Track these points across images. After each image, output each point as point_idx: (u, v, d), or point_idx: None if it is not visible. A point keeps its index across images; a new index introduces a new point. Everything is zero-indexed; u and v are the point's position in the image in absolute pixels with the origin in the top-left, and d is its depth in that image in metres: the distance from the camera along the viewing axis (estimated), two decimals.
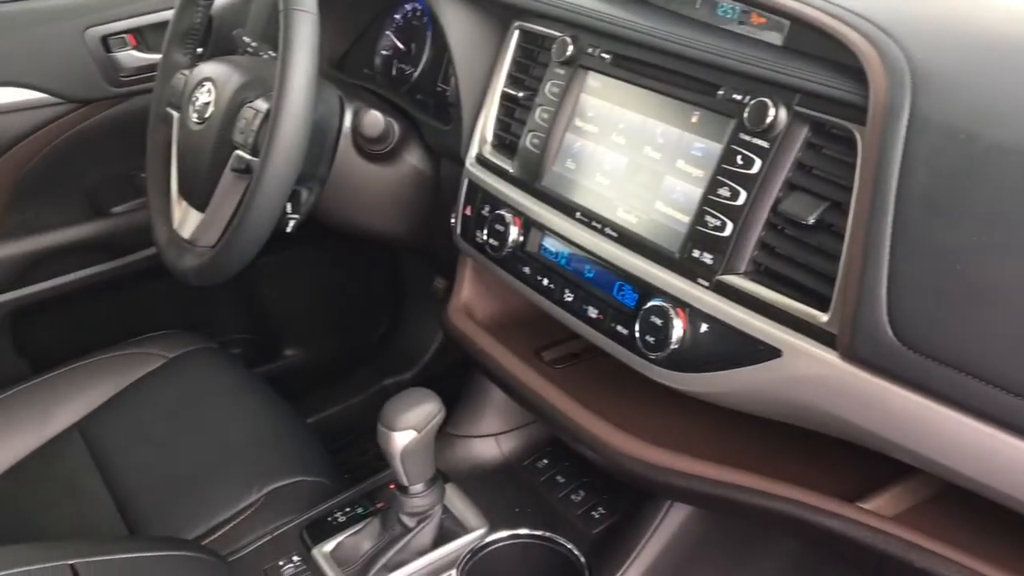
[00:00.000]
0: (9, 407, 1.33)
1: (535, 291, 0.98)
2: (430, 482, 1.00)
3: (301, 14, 0.99)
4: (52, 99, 1.41)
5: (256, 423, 1.28)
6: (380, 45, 1.36)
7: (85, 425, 1.29)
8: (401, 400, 0.98)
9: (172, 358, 1.38)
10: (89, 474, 1.22)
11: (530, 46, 1.05)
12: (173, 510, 1.14)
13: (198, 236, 1.15)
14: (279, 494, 1.15)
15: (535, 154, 0.99)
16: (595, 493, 1.10)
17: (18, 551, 0.88)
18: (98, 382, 1.35)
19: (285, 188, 1.02)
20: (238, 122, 1.08)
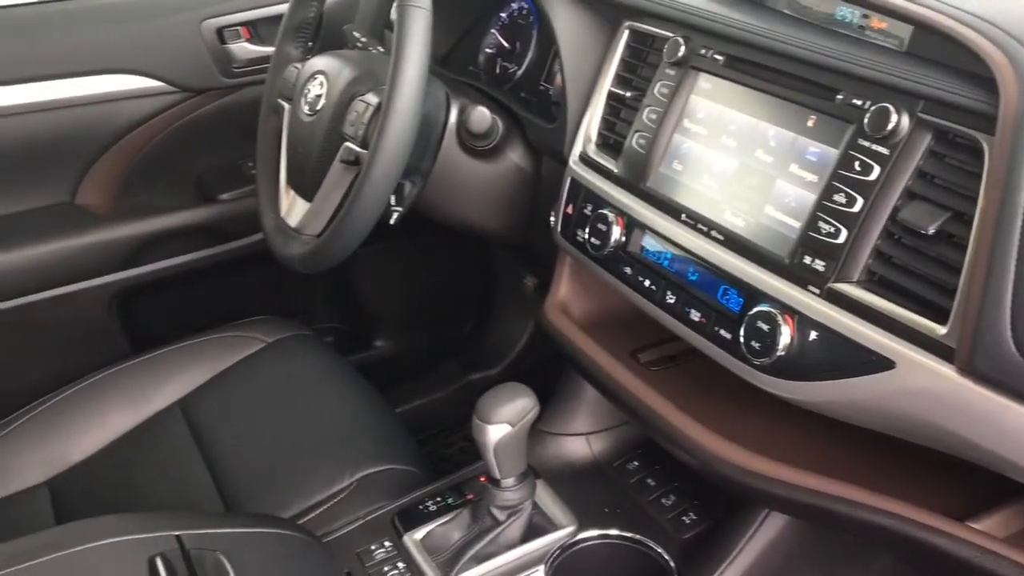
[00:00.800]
0: (114, 383, 1.39)
1: (635, 291, 0.97)
2: (521, 476, 1.01)
3: (416, 10, 1.00)
4: (168, 88, 1.47)
5: (349, 410, 1.31)
6: (485, 43, 1.38)
7: (186, 403, 1.34)
8: (497, 394, 0.98)
9: (270, 343, 1.42)
10: (188, 451, 1.27)
11: (639, 46, 1.05)
12: (268, 489, 1.18)
13: (304, 225, 1.18)
14: (370, 480, 1.17)
15: (641, 154, 0.99)
16: (686, 498, 1.10)
17: (127, 520, 0.92)
18: (199, 363, 1.40)
19: (392, 180, 1.04)
20: (349, 115, 1.10)
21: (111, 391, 1.37)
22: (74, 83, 1.43)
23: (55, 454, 1.29)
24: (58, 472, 1.27)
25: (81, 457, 1.29)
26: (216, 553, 0.87)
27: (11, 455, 1.30)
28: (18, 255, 1.42)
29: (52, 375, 1.43)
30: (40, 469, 1.28)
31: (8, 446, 1.31)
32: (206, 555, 0.86)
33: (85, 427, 1.32)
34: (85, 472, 1.27)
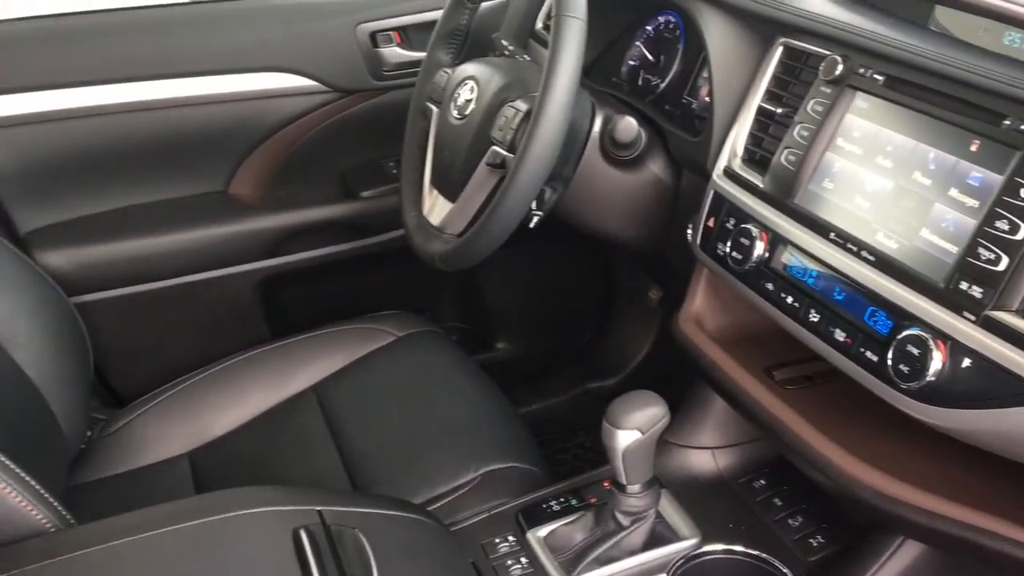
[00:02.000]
0: (254, 365, 1.46)
1: (777, 308, 0.97)
2: (647, 484, 1.02)
3: (573, 20, 1.03)
4: (321, 87, 1.55)
5: (474, 407, 1.34)
6: (628, 55, 1.39)
7: (320, 388, 1.40)
8: (628, 400, 0.99)
9: (400, 336, 1.47)
10: (321, 433, 1.32)
11: (793, 63, 1.04)
12: (394, 475, 1.22)
13: (446, 224, 1.22)
14: (494, 476, 1.20)
15: (790, 171, 0.99)
16: (814, 521, 1.08)
17: (272, 492, 0.97)
18: (334, 351, 1.46)
19: (537, 185, 1.06)
20: (498, 119, 1.14)
21: (252, 372, 1.45)
22: (235, 79, 1.52)
23: (197, 427, 1.37)
24: (199, 445, 1.35)
25: (221, 432, 1.36)
26: (355, 531, 0.91)
27: (158, 426, 1.39)
28: (177, 238, 1.51)
29: (199, 352, 1.51)
30: (183, 440, 1.36)
31: (156, 417, 1.40)
32: (345, 532, 0.90)
33: (226, 404, 1.40)
34: (223, 446, 1.34)
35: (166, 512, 0.98)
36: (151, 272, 1.50)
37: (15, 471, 0.92)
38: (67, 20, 1.50)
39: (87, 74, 1.43)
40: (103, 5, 1.52)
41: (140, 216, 1.52)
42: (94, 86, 1.44)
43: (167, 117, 1.49)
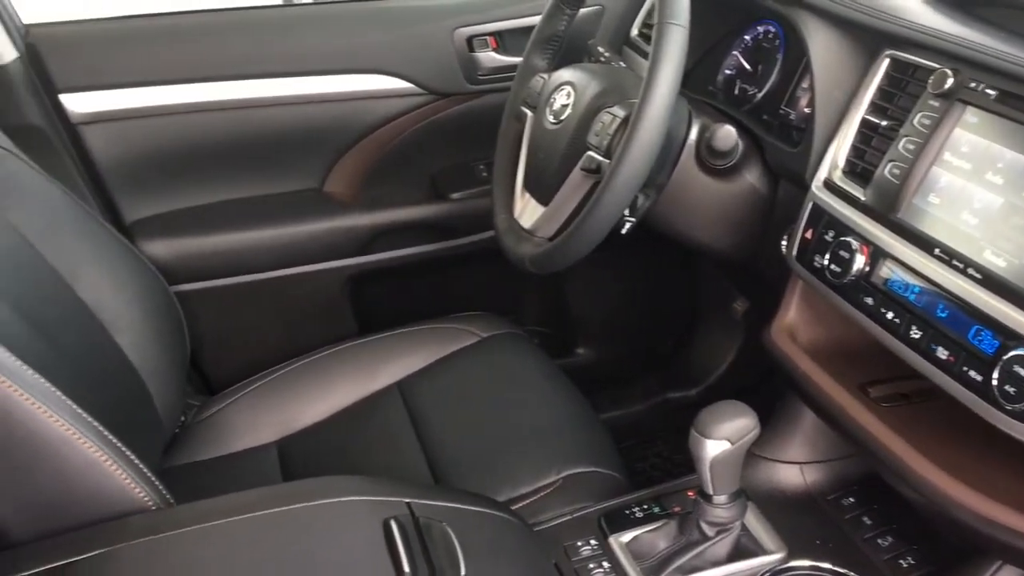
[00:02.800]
0: (342, 359, 1.50)
1: (876, 323, 0.95)
2: (734, 495, 1.01)
3: (676, 27, 1.03)
4: (416, 90, 1.57)
5: (556, 410, 1.35)
6: (725, 64, 1.39)
7: (404, 385, 1.42)
8: (718, 410, 0.99)
9: (484, 338, 1.49)
10: (404, 428, 1.35)
11: (899, 75, 1.03)
12: (477, 473, 1.23)
13: (538, 227, 1.23)
14: (576, 479, 1.20)
15: (893, 184, 0.97)
16: (905, 541, 1.06)
17: (363, 482, 0.99)
18: (418, 349, 1.48)
19: (632, 191, 1.07)
20: (594, 125, 1.14)
21: (339, 366, 1.48)
22: (334, 79, 1.56)
23: (286, 417, 1.41)
24: (287, 434, 1.38)
25: (308, 423, 1.40)
26: (443, 524, 0.92)
27: (248, 414, 1.43)
28: (272, 233, 1.56)
29: (289, 344, 1.56)
30: (272, 429, 1.39)
31: (246, 405, 1.45)
32: (433, 525, 0.92)
33: (314, 396, 1.43)
34: (310, 436, 1.38)
35: (261, 496, 1.01)
36: (247, 265, 1.55)
37: (122, 450, 0.96)
38: (177, 19, 1.56)
39: (194, 71, 1.49)
40: (211, 5, 1.58)
41: (238, 210, 1.57)
42: (201, 83, 1.50)
43: (268, 115, 1.54)
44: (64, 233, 1.26)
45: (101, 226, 1.32)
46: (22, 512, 0.93)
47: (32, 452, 0.91)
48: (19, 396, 0.89)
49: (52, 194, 1.27)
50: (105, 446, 0.94)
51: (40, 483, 0.92)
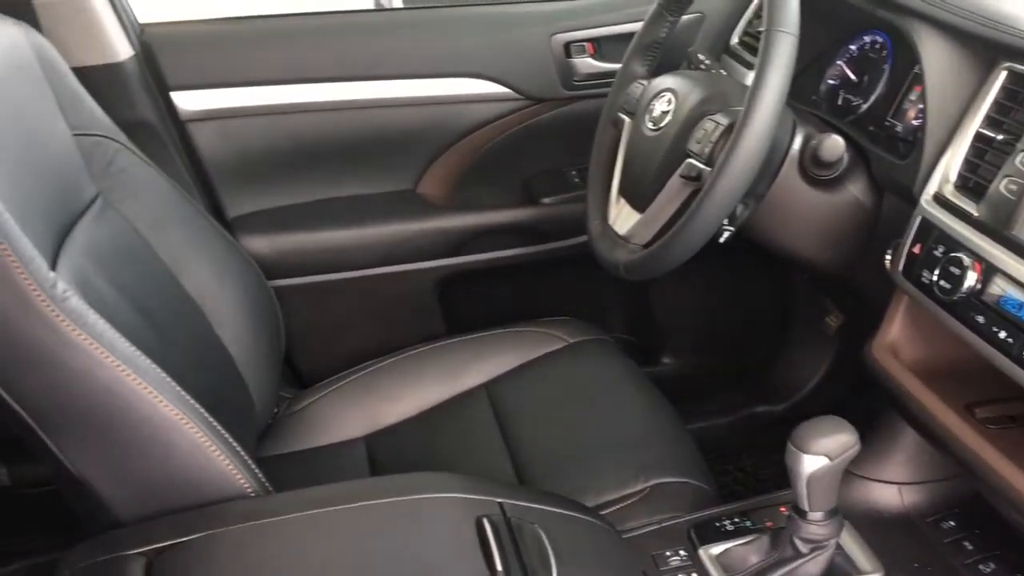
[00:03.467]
0: (431, 359, 1.52)
1: (988, 343, 0.92)
2: (830, 513, 0.99)
3: (785, 35, 1.02)
4: (513, 95, 1.59)
5: (645, 418, 1.34)
6: (829, 74, 1.36)
7: (491, 386, 1.44)
8: (817, 424, 0.97)
9: (572, 343, 1.49)
10: (490, 430, 1.36)
11: (1017, 88, 0.99)
12: (563, 477, 1.23)
13: (633, 234, 1.23)
14: (664, 489, 1.19)
15: (1009, 200, 0.94)
16: (1009, 568, 1.02)
17: (455, 479, 1.00)
18: (506, 352, 1.49)
19: (734, 199, 1.06)
20: (696, 132, 1.13)
21: (427, 365, 1.50)
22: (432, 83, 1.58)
23: (374, 413, 1.43)
24: (375, 430, 1.41)
25: (396, 420, 1.42)
26: (534, 526, 0.93)
27: (338, 408, 1.46)
28: (367, 232, 1.59)
29: (379, 342, 1.58)
30: (360, 424, 1.42)
31: (337, 400, 1.48)
32: (525, 526, 0.92)
33: (402, 394, 1.45)
34: (398, 433, 1.40)
35: (357, 488, 1.03)
36: (342, 262, 1.58)
37: (225, 437, 0.99)
38: (283, 21, 1.61)
39: (298, 72, 1.53)
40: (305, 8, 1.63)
41: (336, 209, 1.60)
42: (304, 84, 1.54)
43: (367, 116, 1.57)
44: (172, 226, 1.31)
45: (206, 221, 1.37)
46: (129, 492, 0.96)
47: (142, 435, 0.94)
48: (133, 381, 0.93)
49: (162, 188, 1.31)
50: (210, 432, 0.97)
51: (148, 465, 0.96)
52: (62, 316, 0.89)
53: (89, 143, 1.22)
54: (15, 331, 0.88)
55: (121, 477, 0.95)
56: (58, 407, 0.92)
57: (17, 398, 0.91)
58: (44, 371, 0.90)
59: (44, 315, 0.89)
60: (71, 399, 0.91)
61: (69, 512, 1.61)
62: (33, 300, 0.88)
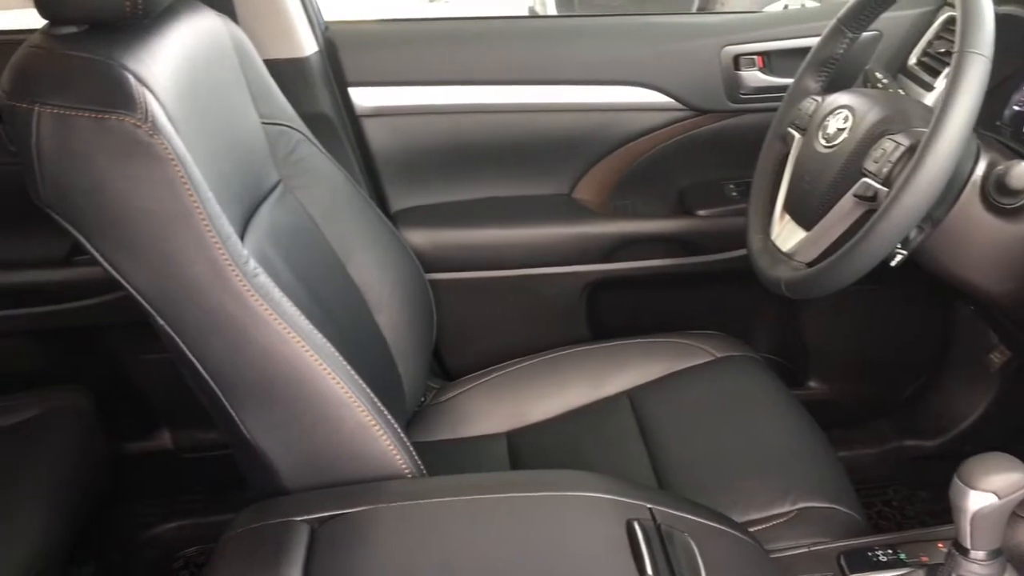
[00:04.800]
0: (576, 361, 1.54)
1: None
2: (993, 553, 0.94)
3: (978, 57, 0.99)
4: (676, 105, 1.59)
5: (793, 439, 1.31)
6: (1015, 99, 1.30)
7: (634, 394, 1.44)
8: (987, 461, 0.93)
9: (719, 357, 1.48)
10: (632, 437, 1.36)
11: None
12: (707, 491, 1.21)
13: (797, 251, 1.21)
14: (812, 513, 1.17)
15: None
16: None
17: (605, 480, 1.01)
18: (651, 361, 1.49)
19: (912, 222, 1.03)
20: (873, 152, 1.11)
21: (572, 368, 1.52)
22: (595, 89, 1.60)
23: (517, 410, 1.46)
24: (517, 426, 1.44)
25: (538, 418, 1.44)
26: (684, 535, 0.93)
27: (482, 402, 1.50)
28: (522, 233, 1.62)
29: (525, 341, 1.62)
30: (503, 420, 1.45)
31: (481, 394, 1.51)
32: (675, 534, 0.92)
33: (546, 393, 1.48)
34: (539, 432, 1.42)
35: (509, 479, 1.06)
36: (495, 261, 1.62)
37: (388, 418, 1.04)
38: (457, 24, 1.67)
39: (468, 74, 1.58)
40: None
41: (493, 208, 1.64)
42: (472, 85, 1.59)
43: (530, 120, 1.61)
44: (342, 215, 1.37)
45: (373, 212, 1.43)
46: (297, 462, 1.02)
47: (315, 410, 0.99)
48: (310, 357, 0.98)
49: (336, 179, 1.38)
50: (375, 413, 1.01)
51: (316, 438, 1.01)
52: (252, 291, 0.96)
53: (275, 132, 1.30)
54: (209, 302, 0.95)
55: (291, 447, 1.01)
56: (240, 376, 0.98)
57: (205, 364, 0.97)
58: (231, 341, 0.97)
59: (236, 289, 0.95)
60: (253, 369, 0.98)
61: (225, 477, 1.71)
62: (228, 274, 0.94)
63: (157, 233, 0.92)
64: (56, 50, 0.95)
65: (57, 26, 0.98)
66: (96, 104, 0.90)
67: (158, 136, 0.90)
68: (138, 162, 0.90)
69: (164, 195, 0.91)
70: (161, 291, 0.95)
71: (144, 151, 0.90)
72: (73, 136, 0.90)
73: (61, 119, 0.89)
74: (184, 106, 1.01)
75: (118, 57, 0.94)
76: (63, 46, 0.95)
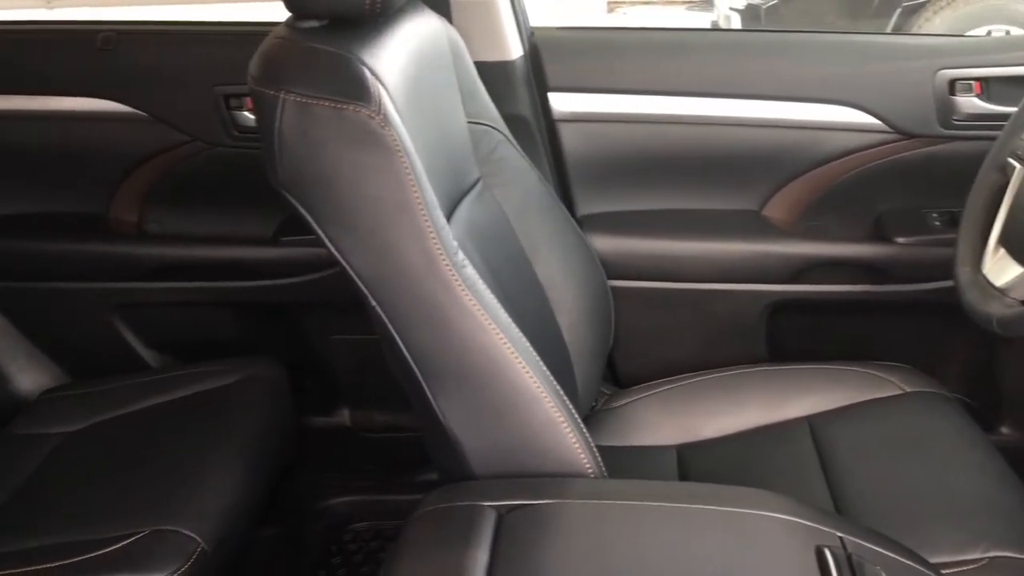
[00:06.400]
0: (750, 381, 1.52)
1: None
2: None
3: None
4: (881, 127, 1.54)
5: (986, 484, 1.24)
6: None
7: (814, 420, 1.40)
8: None
9: (907, 392, 1.43)
10: (810, 463, 1.32)
11: None
12: (891, 527, 1.13)
13: (1012, 287, 1.15)
14: (1005, 564, 1.10)
15: None
16: None
17: (793, 503, 0.99)
18: (833, 388, 1.46)
19: None
20: None
21: (749, 388, 1.50)
22: (795, 106, 1.57)
23: (689, 424, 1.45)
24: (688, 440, 1.42)
25: (711, 435, 1.43)
26: (878, 568, 0.90)
27: (653, 413, 1.50)
28: (706, 247, 1.60)
29: (699, 356, 1.60)
30: (674, 432, 1.44)
31: (653, 404, 1.51)
32: (867, 566, 0.89)
33: (721, 410, 1.46)
34: (711, 448, 1.40)
35: (691, 490, 1.06)
36: (677, 273, 1.61)
37: (575, 417, 1.05)
38: (662, 35, 1.69)
39: (666, 85, 1.58)
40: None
41: (679, 220, 1.64)
42: (669, 96, 1.59)
43: (724, 133, 1.59)
44: (533, 216, 1.41)
45: (563, 215, 1.46)
46: (486, 450, 1.05)
47: (507, 401, 1.02)
48: (507, 349, 1.01)
49: (531, 180, 1.42)
50: (564, 410, 1.04)
51: (505, 429, 1.04)
52: (459, 280, 1.00)
53: (479, 131, 1.34)
54: (418, 288, 1.00)
55: (482, 434, 1.04)
56: (441, 362, 1.02)
57: (409, 347, 1.02)
58: (435, 326, 1.01)
59: (445, 277, 0.99)
60: (453, 356, 1.02)
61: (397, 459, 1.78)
62: (440, 264, 0.99)
63: (379, 220, 0.98)
64: (300, 42, 1.02)
65: (301, 20, 1.05)
66: (335, 94, 0.96)
67: (389, 128, 0.96)
68: (369, 151, 0.96)
69: (390, 184, 0.97)
70: (377, 274, 1.00)
71: (375, 141, 0.96)
72: (312, 123, 0.96)
73: (303, 107, 0.96)
74: (408, 101, 1.06)
75: (356, 51, 1.00)
76: (306, 38, 1.02)
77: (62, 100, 1.63)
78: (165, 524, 1.24)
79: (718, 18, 4.82)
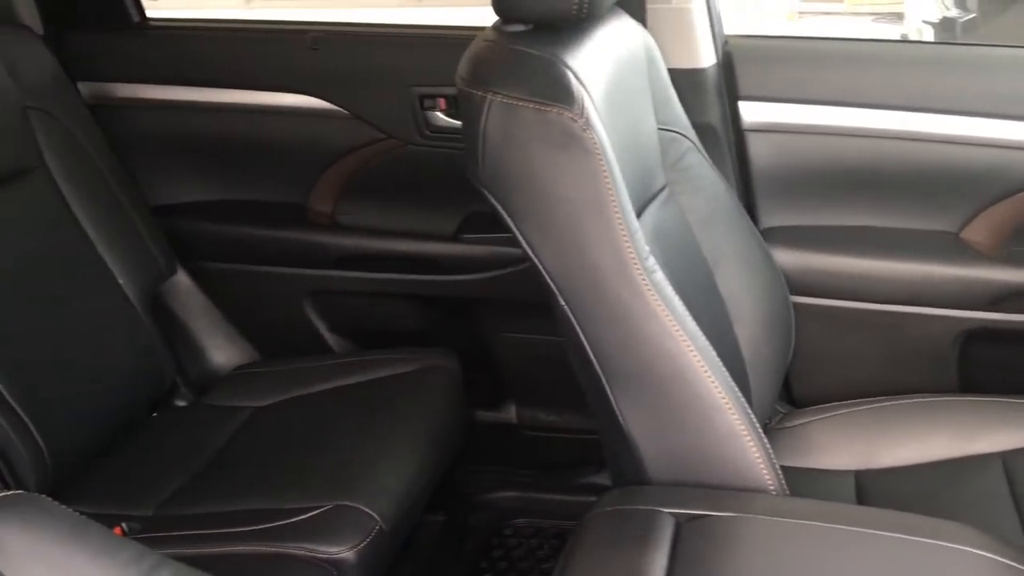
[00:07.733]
0: (937, 411, 1.46)
1: None
2: None
3: None
4: None
5: None
6: None
7: (1010, 457, 1.32)
8: None
9: None
10: (1002, 501, 1.25)
11: None
12: None
13: None
14: None
15: None
16: None
17: (987, 538, 0.94)
18: None
19: None
20: None
21: (937, 417, 1.43)
22: (1002, 124, 1.48)
23: (869, 450, 1.40)
24: (868, 467, 1.37)
25: (891, 463, 1.36)
26: None
27: (831, 435, 1.45)
28: (899, 267, 1.53)
29: (883, 380, 1.54)
30: (853, 457, 1.39)
31: (831, 427, 1.47)
32: None
33: (904, 439, 1.40)
34: (892, 477, 1.34)
35: (883, 517, 1.01)
36: (865, 293, 1.55)
37: (759, 431, 1.04)
38: (851, 45, 1.63)
39: (856, 96, 1.53)
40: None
41: (869, 238, 1.57)
42: (861, 108, 1.53)
43: (923, 150, 1.52)
44: (717, 225, 1.39)
45: (747, 225, 1.43)
46: (664, 455, 1.05)
47: (688, 407, 1.02)
48: (693, 356, 1.01)
49: (717, 190, 1.40)
50: (748, 423, 1.02)
51: (685, 436, 1.04)
52: (649, 285, 1.00)
53: (667, 138, 1.34)
54: (608, 290, 1.01)
55: (661, 439, 1.04)
56: (625, 364, 1.03)
57: (594, 347, 1.04)
58: (621, 329, 1.02)
59: (636, 281, 1.00)
60: (638, 359, 1.02)
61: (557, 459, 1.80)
62: (630, 266, 1.00)
63: (574, 220, 0.99)
64: (507, 45, 1.05)
65: (508, 24, 1.08)
66: (540, 97, 0.98)
67: (590, 131, 0.97)
68: (569, 153, 0.98)
69: (587, 186, 0.98)
70: (567, 274, 1.02)
71: (576, 144, 0.98)
72: (516, 124, 0.99)
73: (508, 108, 0.99)
74: (607, 105, 1.07)
75: (561, 55, 1.02)
76: (513, 42, 1.05)
77: (273, 96, 1.74)
78: (347, 500, 1.31)
79: (909, 30, 4.58)
